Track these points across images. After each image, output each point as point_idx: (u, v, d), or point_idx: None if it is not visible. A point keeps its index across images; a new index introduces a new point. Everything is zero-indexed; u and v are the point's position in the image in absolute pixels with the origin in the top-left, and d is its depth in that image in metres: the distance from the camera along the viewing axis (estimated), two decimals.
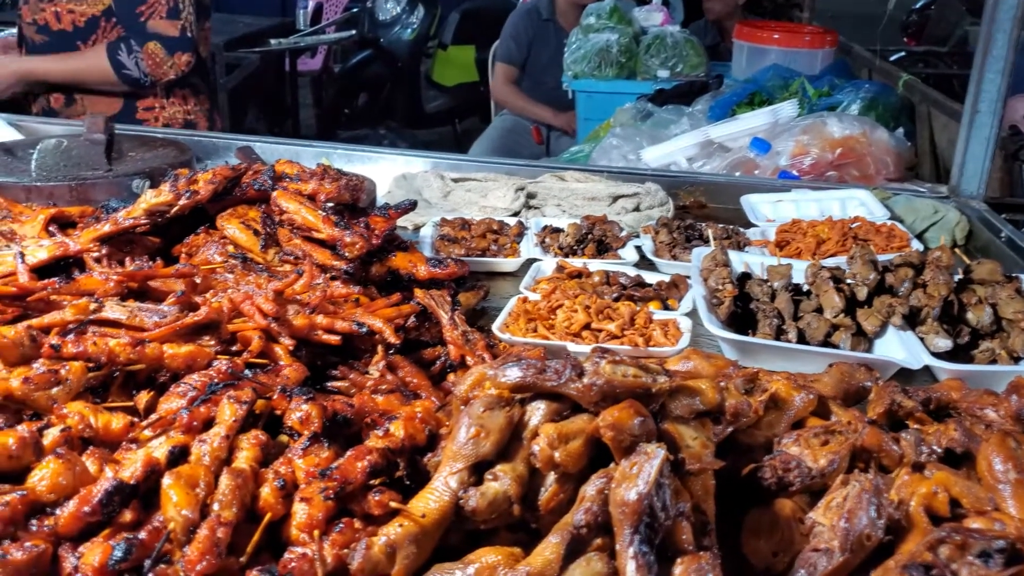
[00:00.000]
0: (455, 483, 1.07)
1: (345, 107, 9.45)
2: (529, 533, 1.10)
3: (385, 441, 1.16)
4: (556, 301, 1.78)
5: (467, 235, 2.28)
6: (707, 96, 4.23)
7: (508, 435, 1.10)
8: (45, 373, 1.24)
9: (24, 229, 1.89)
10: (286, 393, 1.27)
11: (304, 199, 1.86)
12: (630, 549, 0.98)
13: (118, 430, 1.24)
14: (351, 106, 9.47)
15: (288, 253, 1.84)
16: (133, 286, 1.59)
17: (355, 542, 1.05)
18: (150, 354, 1.35)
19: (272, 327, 1.47)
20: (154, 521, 1.06)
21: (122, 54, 3.40)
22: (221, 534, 1.01)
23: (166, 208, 1.83)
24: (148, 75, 3.39)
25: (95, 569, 1.00)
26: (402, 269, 1.89)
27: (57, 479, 1.09)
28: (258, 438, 1.18)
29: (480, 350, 1.61)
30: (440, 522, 1.06)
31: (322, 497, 1.06)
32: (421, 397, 1.48)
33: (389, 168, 2.92)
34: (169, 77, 3.40)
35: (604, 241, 2.24)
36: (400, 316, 1.64)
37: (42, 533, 1.07)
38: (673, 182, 2.83)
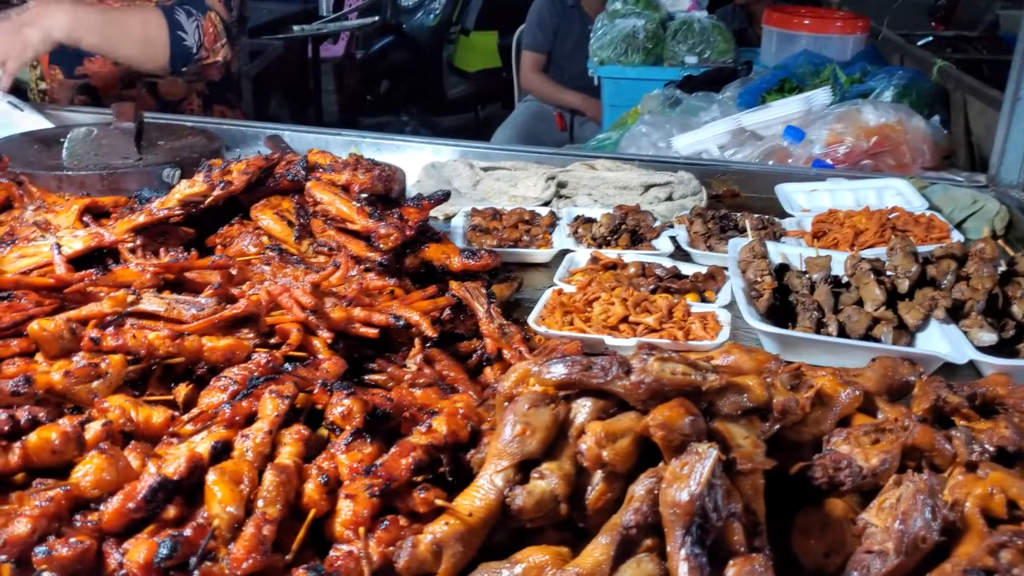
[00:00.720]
0: (501, 481, 1.06)
1: (367, 93, 9.44)
2: (576, 532, 1.09)
3: (428, 437, 1.14)
4: (592, 293, 1.75)
5: (499, 225, 2.26)
6: (736, 83, 4.18)
7: (554, 433, 1.09)
8: (86, 367, 1.24)
9: (58, 219, 1.89)
10: (327, 387, 1.25)
11: (338, 190, 1.85)
12: (682, 551, 0.96)
13: (159, 424, 1.23)
14: (373, 92, 9.45)
15: (322, 244, 1.83)
16: (169, 277, 1.58)
17: (400, 540, 1.04)
18: (189, 347, 1.34)
19: (310, 320, 1.46)
20: (198, 518, 1.06)
21: (180, 14, 3.12)
22: (267, 532, 1.01)
23: (200, 198, 1.83)
24: (201, 48, 3.14)
25: (140, 566, 0.99)
26: (435, 260, 1.87)
27: (101, 474, 1.09)
28: (300, 433, 1.17)
29: (517, 343, 1.59)
30: (486, 521, 1.04)
31: (367, 494, 1.05)
32: (459, 391, 1.47)
33: (417, 157, 2.90)
34: (215, 60, 3.21)
35: (638, 231, 2.21)
36: (436, 309, 1.62)
37: (86, 529, 1.06)
38: (705, 171, 2.79)
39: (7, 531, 1.00)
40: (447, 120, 9.38)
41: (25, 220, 1.89)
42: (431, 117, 9.32)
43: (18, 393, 1.17)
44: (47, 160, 2.58)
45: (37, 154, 2.61)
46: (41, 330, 1.26)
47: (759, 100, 3.97)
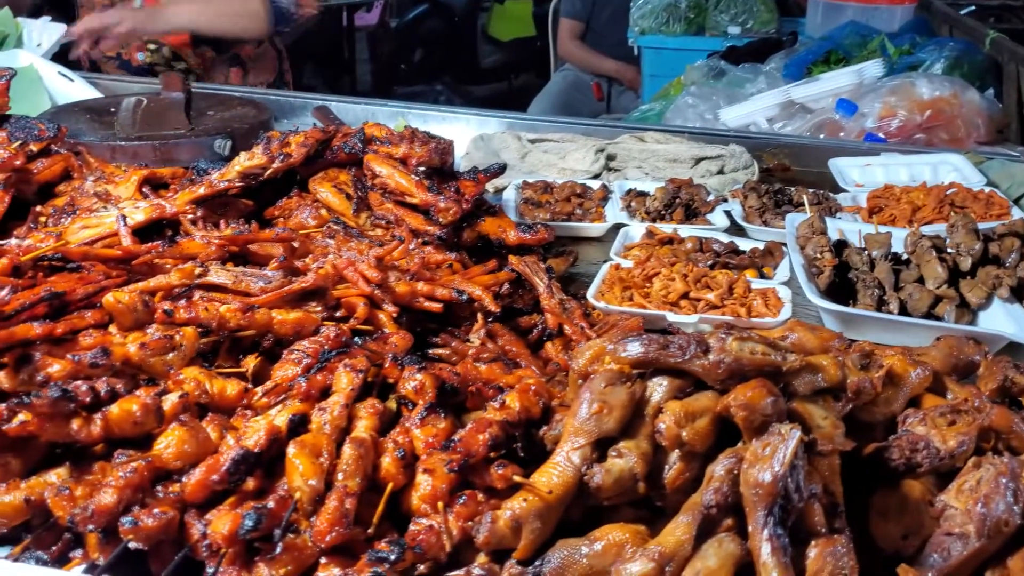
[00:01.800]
0: (578, 459, 1.06)
1: (401, 63, 9.40)
2: (652, 510, 1.09)
3: (502, 413, 1.14)
4: (652, 269, 1.74)
5: (550, 199, 2.25)
6: (781, 54, 4.11)
7: (631, 412, 1.08)
8: (161, 339, 1.25)
9: (118, 190, 1.90)
10: (397, 362, 1.26)
11: (396, 163, 1.85)
12: (764, 531, 0.96)
13: (232, 396, 1.24)
14: (407, 61, 9.41)
15: (379, 217, 1.83)
16: (233, 250, 1.59)
17: (478, 515, 1.05)
18: (259, 320, 1.35)
19: (376, 294, 1.46)
20: (278, 490, 1.07)
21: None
22: (349, 505, 1.02)
23: (260, 171, 1.83)
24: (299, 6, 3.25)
25: (225, 537, 1.00)
26: (491, 234, 1.87)
27: (182, 446, 1.10)
28: (375, 407, 1.17)
29: (577, 319, 1.59)
30: (564, 498, 1.05)
31: (446, 469, 1.06)
32: (521, 366, 1.47)
33: (464, 129, 2.89)
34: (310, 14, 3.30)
35: (691, 206, 2.19)
36: (497, 283, 1.62)
37: (168, 499, 1.08)
38: (755, 144, 2.75)
39: (94, 501, 1.02)
40: (480, 89, 9.32)
41: (85, 191, 1.91)
42: (464, 86, 9.26)
43: (96, 364, 1.18)
44: (98, 130, 2.60)
45: (88, 123, 2.63)
46: (116, 302, 1.28)
47: (805, 72, 3.90)
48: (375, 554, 0.97)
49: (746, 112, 3.18)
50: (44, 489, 1.08)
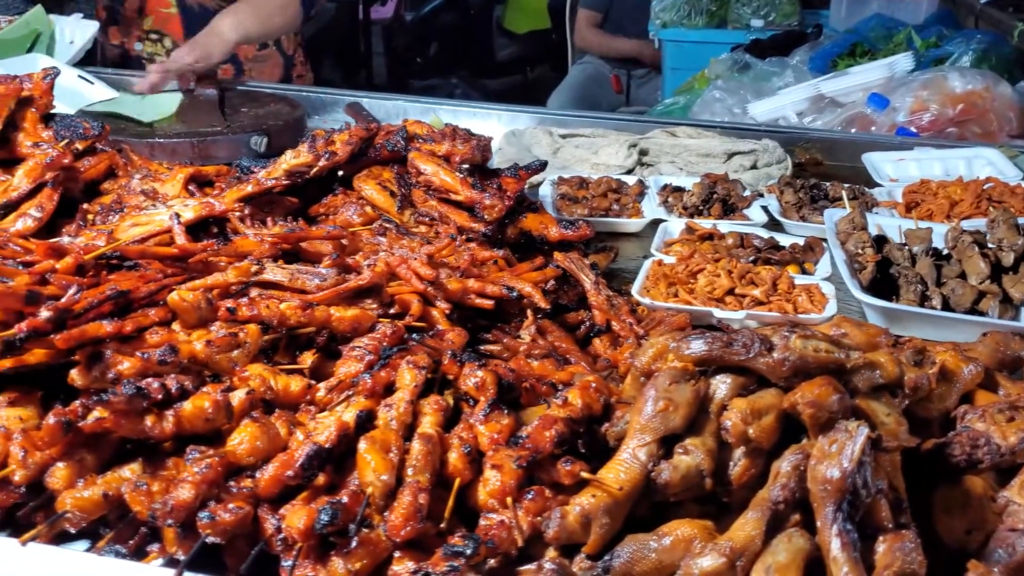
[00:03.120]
0: (644, 455, 1.08)
1: (417, 56, 9.40)
2: (716, 505, 1.10)
3: (566, 411, 1.16)
4: (696, 265, 1.75)
5: (587, 194, 2.26)
6: (805, 47, 4.10)
7: (696, 409, 1.10)
8: (226, 336, 1.27)
9: (165, 188, 1.92)
10: (456, 358, 1.28)
11: (440, 160, 1.86)
12: (834, 527, 0.97)
13: (296, 392, 1.27)
14: (423, 55, 9.40)
15: (423, 214, 1.85)
16: (285, 247, 1.61)
17: (546, 510, 1.07)
18: (318, 317, 1.37)
19: (429, 291, 1.48)
20: (350, 485, 1.09)
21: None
22: (422, 500, 1.04)
23: (305, 169, 1.85)
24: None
25: (301, 531, 1.02)
26: (533, 230, 1.88)
27: (255, 442, 1.12)
28: (439, 403, 1.19)
29: (625, 315, 1.60)
30: (632, 494, 1.06)
31: (514, 466, 1.08)
32: (571, 362, 1.49)
33: (495, 124, 2.90)
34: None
35: (728, 201, 2.20)
36: (544, 280, 1.64)
37: (242, 494, 1.10)
38: (787, 138, 2.75)
39: (173, 496, 1.04)
40: (495, 83, 9.30)
41: (132, 189, 1.93)
42: (480, 80, 9.25)
43: (165, 362, 1.20)
44: (135, 127, 2.62)
45: (125, 120, 2.65)
46: (181, 300, 1.30)
47: (830, 65, 3.90)
48: (451, 548, 0.99)
49: (775, 106, 3.18)
50: (121, 484, 1.10)
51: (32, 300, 1.23)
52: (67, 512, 1.06)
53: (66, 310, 1.20)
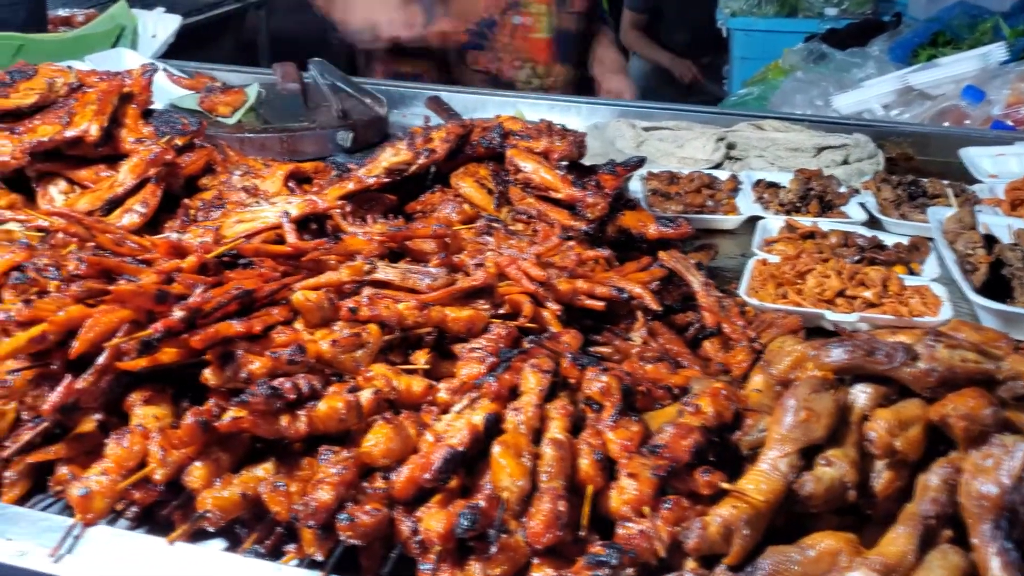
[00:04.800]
0: (785, 466, 1.06)
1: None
2: (856, 517, 1.08)
3: (698, 419, 1.14)
4: (804, 265, 1.72)
5: (679, 190, 2.23)
6: (884, 36, 4.00)
7: (838, 419, 1.08)
8: (350, 336, 1.28)
9: (265, 184, 1.94)
10: (577, 362, 1.27)
11: (539, 157, 1.85)
12: (993, 545, 0.95)
13: (418, 393, 1.27)
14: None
15: (520, 212, 1.84)
16: (392, 246, 1.61)
17: (683, 520, 1.05)
18: (434, 317, 1.37)
19: (539, 292, 1.47)
20: (483, 489, 1.09)
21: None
22: (562, 507, 1.03)
23: (405, 166, 1.85)
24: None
25: (440, 535, 1.03)
26: (632, 228, 1.86)
27: (389, 444, 1.13)
28: (566, 408, 1.18)
29: (735, 317, 1.58)
30: (773, 505, 1.04)
31: (653, 476, 1.06)
32: (684, 366, 1.47)
33: (574, 118, 2.88)
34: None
35: (825, 198, 2.16)
36: (652, 279, 1.62)
37: (377, 496, 1.11)
38: (876, 132, 2.68)
39: (314, 498, 1.05)
40: None
41: (233, 185, 1.95)
42: None
43: (294, 362, 1.21)
44: (221, 120, 2.65)
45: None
46: (305, 300, 1.31)
47: (911, 55, 3.80)
48: (595, 557, 0.98)
49: (860, 99, 3.11)
50: (257, 484, 1.11)
51: (162, 299, 1.25)
52: (207, 512, 1.07)
53: (197, 309, 1.22)
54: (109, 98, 2.00)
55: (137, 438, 1.14)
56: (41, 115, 1.99)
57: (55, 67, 2.12)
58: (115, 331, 1.20)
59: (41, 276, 1.35)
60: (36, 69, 2.08)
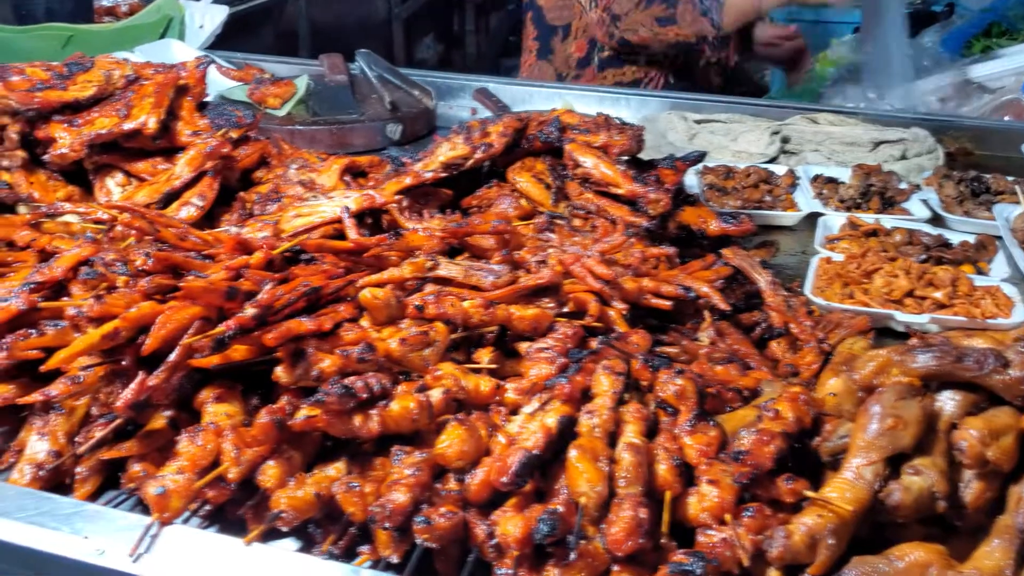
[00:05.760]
0: (870, 475, 1.03)
1: (509, 35, 9.34)
2: (942, 527, 1.05)
3: (779, 424, 1.12)
4: (871, 264, 1.68)
5: (735, 184, 2.19)
6: (936, 27, 3.90)
7: (925, 427, 1.05)
8: (418, 334, 1.27)
9: (321, 178, 1.94)
10: (649, 364, 1.25)
11: (599, 152, 1.82)
12: None
13: (486, 393, 1.25)
14: (516, 33, 9.33)
15: (578, 208, 1.82)
16: (452, 242, 1.60)
17: (766, 528, 1.03)
18: (499, 315, 1.36)
19: (605, 290, 1.45)
20: (559, 493, 1.07)
21: None
22: (643, 513, 1.01)
23: (462, 161, 1.84)
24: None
25: (517, 540, 1.01)
26: (693, 225, 1.83)
27: (463, 445, 1.11)
28: (641, 411, 1.16)
29: (803, 317, 1.55)
30: (859, 515, 1.02)
31: (735, 483, 1.04)
32: (752, 367, 1.44)
33: (623, 110, 2.84)
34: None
35: (886, 194, 2.11)
36: (718, 278, 1.59)
37: (451, 498, 1.10)
38: (933, 126, 2.62)
39: (391, 499, 1.04)
40: None
41: (289, 178, 1.94)
42: None
43: (364, 360, 1.20)
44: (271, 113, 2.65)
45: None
46: (373, 297, 1.30)
47: (964, 46, 3.71)
48: (678, 566, 0.96)
49: (915, 91, 3.04)
50: (330, 484, 1.10)
51: (232, 296, 1.25)
52: (282, 512, 1.07)
53: (268, 306, 1.21)
54: (165, 90, 2.00)
55: (210, 436, 1.13)
56: (99, 107, 1.99)
57: (112, 59, 2.12)
58: (186, 328, 1.20)
59: (109, 271, 1.35)
60: (93, 61, 2.08)
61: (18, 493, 1.12)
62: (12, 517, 1.06)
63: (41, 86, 1.99)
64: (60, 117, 1.98)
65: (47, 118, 1.98)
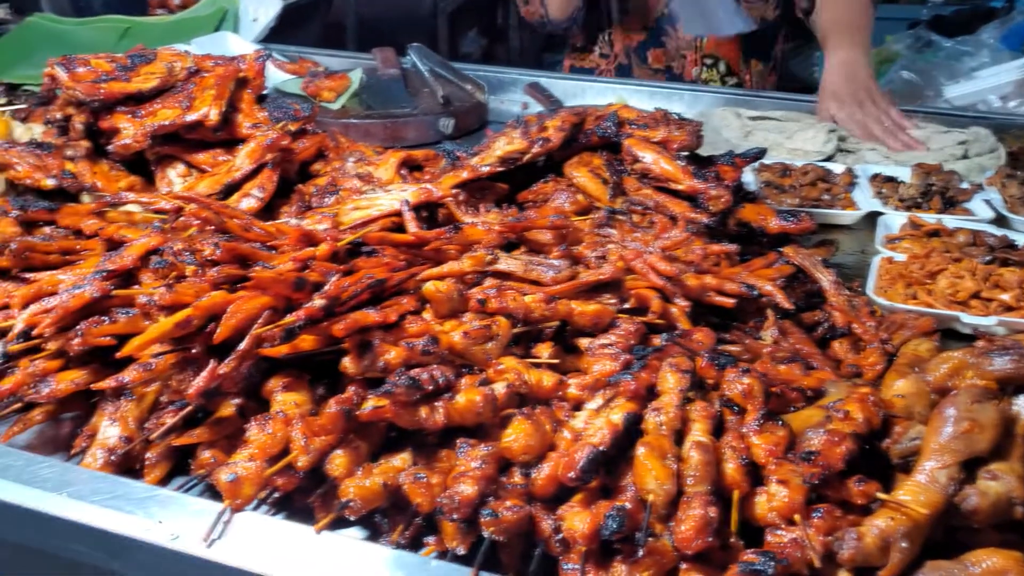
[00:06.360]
0: (944, 478, 1.02)
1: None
2: (1021, 534, 1.03)
3: (848, 425, 1.11)
4: (935, 265, 1.65)
5: (792, 182, 2.17)
6: (995, 23, 3.83)
7: (1001, 431, 1.03)
8: (480, 328, 1.27)
9: (378, 172, 1.95)
10: (715, 362, 1.24)
11: (659, 147, 1.81)
12: None
13: (549, 387, 1.25)
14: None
15: (636, 203, 1.81)
16: (511, 237, 1.60)
17: (835, 529, 1.02)
18: (560, 310, 1.36)
19: (667, 287, 1.44)
20: (626, 490, 1.07)
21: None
22: (712, 512, 1.00)
23: (519, 155, 1.84)
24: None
25: (584, 536, 1.01)
26: (752, 222, 1.81)
27: (528, 439, 1.12)
28: (708, 410, 1.15)
29: (866, 317, 1.53)
30: (933, 518, 1.00)
31: (805, 484, 1.03)
32: (815, 367, 1.43)
33: (677, 105, 2.82)
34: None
35: (947, 194, 2.07)
36: (780, 276, 1.57)
37: (517, 492, 1.10)
38: (994, 124, 2.57)
39: (458, 491, 1.04)
40: None
41: (347, 171, 1.96)
42: None
43: (428, 352, 1.21)
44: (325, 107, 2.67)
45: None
46: (436, 290, 1.30)
47: None
48: (749, 566, 0.96)
49: (975, 89, 2.98)
50: (396, 474, 1.11)
51: (299, 287, 1.26)
52: (350, 501, 1.08)
53: (336, 297, 1.22)
54: (226, 83, 2.02)
55: (279, 424, 1.15)
56: (161, 99, 2.02)
57: (173, 51, 2.16)
58: (255, 317, 1.21)
59: (177, 260, 1.37)
60: (155, 53, 2.12)
61: (92, 477, 1.14)
62: (88, 500, 1.08)
63: (105, 77, 2.03)
64: (123, 108, 2.02)
65: (111, 109, 2.02)
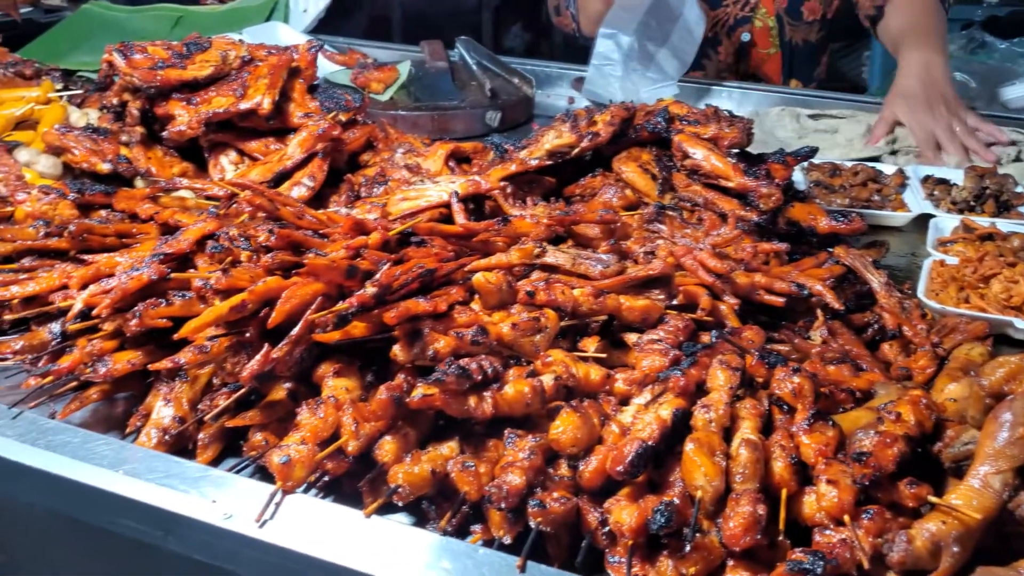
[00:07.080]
0: (998, 484, 1.00)
1: None
2: None
3: (900, 427, 1.10)
4: (989, 269, 1.63)
5: (843, 182, 2.14)
6: None
7: None
8: (529, 320, 1.28)
9: (427, 163, 1.96)
10: (765, 360, 1.23)
11: (709, 144, 1.80)
12: None
13: (596, 381, 1.26)
14: None
15: (685, 199, 1.80)
16: (559, 230, 1.60)
17: (885, 531, 1.01)
18: (609, 305, 1.36)
19: (717, 284, 1.44)
20: (674, 486, 1.07)
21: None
22: (761, 510, 1.00)
23: (567, 149, 1.84)
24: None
25: (631, 529, 1.01)
26: (802, 221, 1.80)
27: (576, 432, 1.12)
28: (757, 408, 1.15)
29: (916, 320, 1.51)
30: (985, 524, 0.99)
31: (855, 484, 1.02)
32: (864, 368, 1.41)
33: (727, 103, 2.81)
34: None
35: (1001, 197, 2.04)
36: (831, 276, 1.56)
37: (564, 484, 1.10)
38: None
39: (507, 481, 1.05)
40: None
41: (395, 163, 1.98)
42: None
43: (477, 343, 1.22)
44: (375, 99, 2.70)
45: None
46: (486, 282, 1.31)
47: None
48: (797, 564, 0.95)
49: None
50: (444, 462, 1.12)
51: (352, 274, 1.28)
52: (399, 486, 1.09)
53: (388, 286, 1.24)
54: (279, 72, 2.05)
55: (330, 409, 1.16)
56: (216, 87, 2.06)
57: (227, 40, 2.19)
58: (309, 303, 1.23)
59: (232, 246, 1.40)
60: (210, 42, 2.15)
61: (147, 455, 1.17)
62: (144, 478, 1.11)
63: (162, 64, 2.06)
64: (178, 95, 2.05)
65: (166, 96, 2.06)
